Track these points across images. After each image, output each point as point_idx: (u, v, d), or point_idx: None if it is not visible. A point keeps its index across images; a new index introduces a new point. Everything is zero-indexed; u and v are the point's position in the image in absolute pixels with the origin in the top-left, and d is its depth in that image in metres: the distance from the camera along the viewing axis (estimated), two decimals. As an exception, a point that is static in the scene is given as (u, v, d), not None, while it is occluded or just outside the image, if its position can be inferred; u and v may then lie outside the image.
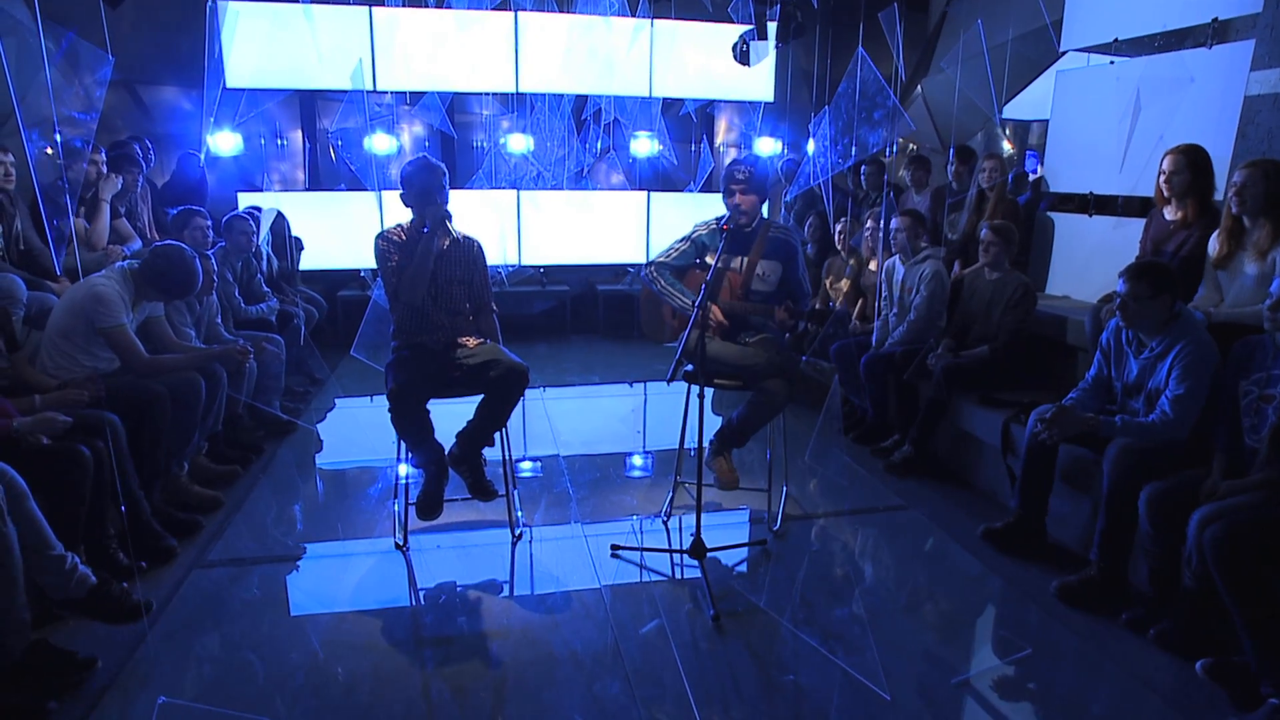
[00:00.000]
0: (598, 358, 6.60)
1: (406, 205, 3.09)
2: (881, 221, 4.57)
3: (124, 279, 3.34)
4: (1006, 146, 7.99)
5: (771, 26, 5.64)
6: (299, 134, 7.55)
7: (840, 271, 5.28)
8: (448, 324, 3.14)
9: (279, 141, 7.36)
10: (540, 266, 7.54)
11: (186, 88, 7.14)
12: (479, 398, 3.04)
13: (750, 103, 7.37)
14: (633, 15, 6.56)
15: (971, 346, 4.05)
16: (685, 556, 2.97)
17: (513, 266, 7.24)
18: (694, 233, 3.33)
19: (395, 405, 2.80)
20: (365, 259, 6.71)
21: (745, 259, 3.24)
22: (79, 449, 2.62)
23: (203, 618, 2.65)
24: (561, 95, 6.79)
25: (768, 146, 8.01)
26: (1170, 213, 3.47)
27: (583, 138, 7.11)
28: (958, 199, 5.15)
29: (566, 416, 5.10)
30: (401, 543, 3.14)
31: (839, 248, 5.26)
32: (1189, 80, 3.87)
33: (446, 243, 3.06)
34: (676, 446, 3.35)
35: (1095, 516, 2.85)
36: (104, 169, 4.04)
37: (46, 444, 2.56)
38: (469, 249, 3.22)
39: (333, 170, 7.53)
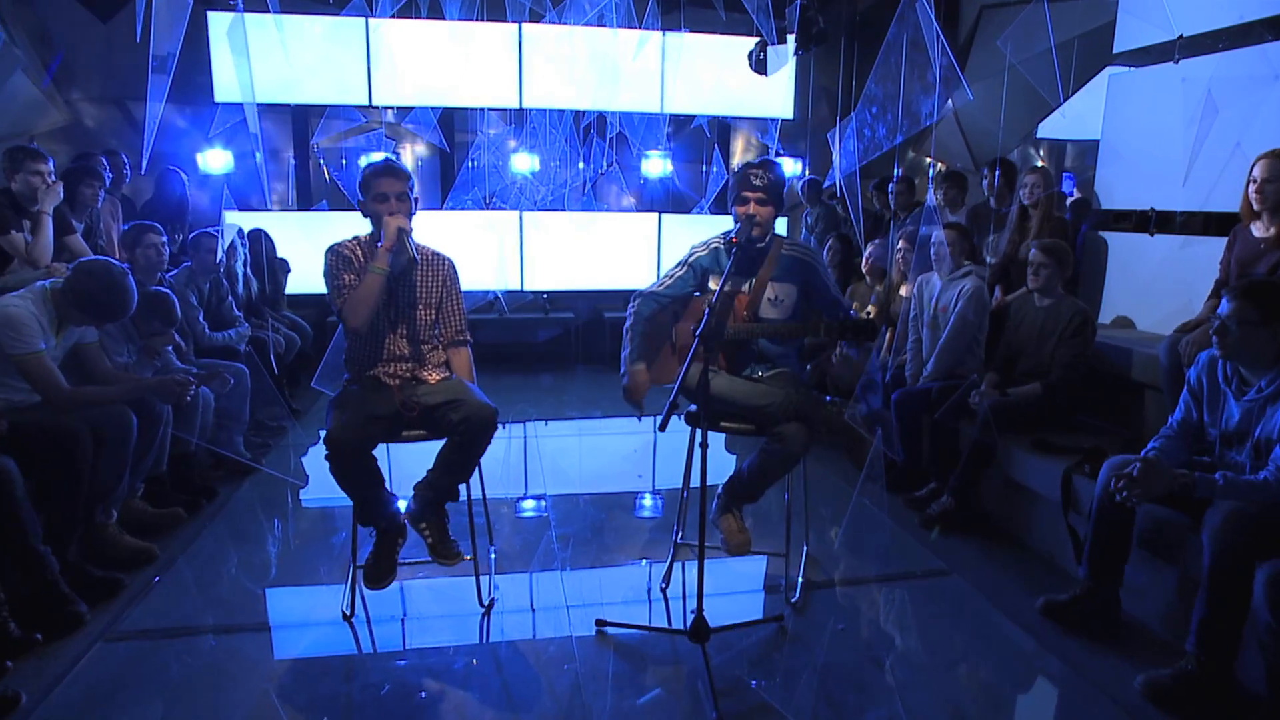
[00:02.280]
0: (603, 390, 6.11)
1: (365, 215, 2.65)
2: (899, 241, 4.09)
3: (43, 300, 2.92)
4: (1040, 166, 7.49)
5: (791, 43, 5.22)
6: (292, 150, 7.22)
7: (865, 298, 4.78)
8: (409, 355, 2.67)
9: (257, 158, 7.00)
10: (544, 292, 7.11)
11: (180, 104, 6.86)
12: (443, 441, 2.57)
13: (770, 120, 6.94)
14: (639, 26, 6.17)
15: (1020, 382, 3.52)
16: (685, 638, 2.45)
17: (511, 292, 6.80)
18: (691, 255, 2.83)
19: (331, 452, 2.33)
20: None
21: (753, 281, 2.74)
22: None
23: (91, 709, 2.17)
24: (565, 111, 6.38)
25: (788, 167, 7.58)
26: (1260, 229, 2.96)
27: (586, 153, 6.70)
28: (997, 218, 4.65)
29: (565, 454, 4.61)
30: (350, 612, 2.65)
31: (865, 271, 4.76)
32: (1273, 78, 3.36)
33: (405, 259, 2.60)
34: (680, 498, 2.85)
35: (1186, 593, 2.30)
36: (49, 179, 3.65)
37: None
38: (438, 268, 2.76)
39: (326, 188, 7.18)
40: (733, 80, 6.33)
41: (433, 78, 6.18)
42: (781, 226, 7.31)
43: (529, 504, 3.76)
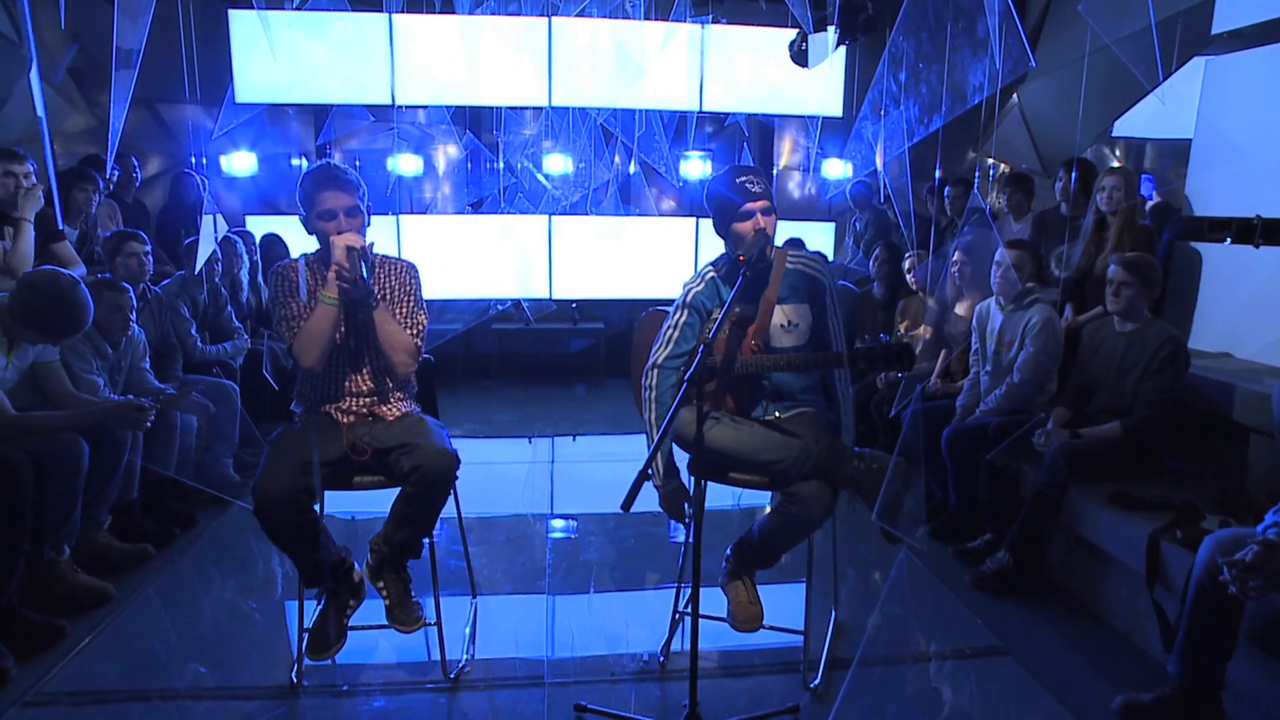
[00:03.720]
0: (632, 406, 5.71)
1: (309, 233, 2.29)
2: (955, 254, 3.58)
3: (-13, 319, 2.67)
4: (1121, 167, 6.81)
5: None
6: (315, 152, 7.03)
7: (918, 315, 4.28)
8: (368, 390, 2.31)
9: (293, 161, 6.83)
10: (573, 301, 6.75)
11: (209, 105, 6.73)
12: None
13: (817, 118, 6.44)
14: (667, 19, 5.76)
15: (1094, 421, 3.01)
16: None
17: (536, 301, 6.47)
18: (686, 294, 2.35)
19: (256, 508, 1.98)
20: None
21: (759, 305, 2.29)
22: None
23: None
24: (596, 109, 6.00)
25: (836, 169, 7.07)
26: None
27: (613, 153, 6.31)
28: (1070, 226, 4.10)
29: (583, 475, 4.23)
30: (297, 681, 2.31)
31: (913, 285, 4.26)
32: None
33: (363, 286, 2.19)
34: (680, 558, 2.43)
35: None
36: (24, 181, 3.43)
37: None
38: (398, 277, 2.36)
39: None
40: (774, 75, 5.85)
41: (456, 75, 5.87)
42: (828, 235, 6.84)
43: (522, 536, 3.39)
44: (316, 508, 2.14)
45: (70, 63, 5.98)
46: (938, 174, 5.36)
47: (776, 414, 2.34)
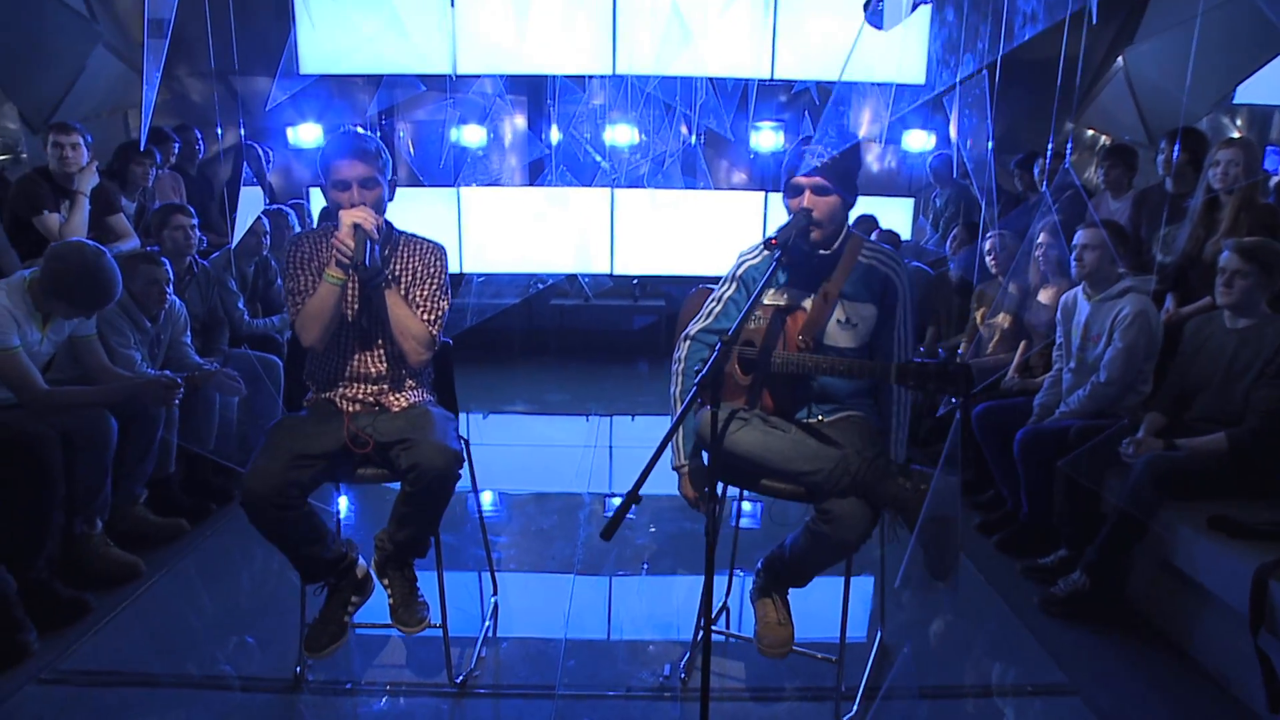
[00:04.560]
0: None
1: (328, 204, 2.16)
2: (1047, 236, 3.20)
3: (20, 292, 2.66)
4: (1240, 138, 6.11)
5: None
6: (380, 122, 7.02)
7: (997, 303, 3.91)
8: (378, 376, 2.18)
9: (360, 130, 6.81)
10: (634, 277, 6.56)
11: (271, 76, 6.78)
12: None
13: (896, 86, 6.00)
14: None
15: (1195, 430, 2.64)
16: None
17: (594, 277, 6.30)
18: (739, 266, 2.14)
19: (243, 500, 1.88)
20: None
21: (815, 296, 2.05)
22: None
23: None
24: (652, 77, 5.73)
25: (918, 140, 6.61)
26: None
27: (674, 123, 6.04)
28: (1175, 205, 3.63)
29: (641, 456, 4.08)
30: (300, 675, 2.23)
31: (993, 268, 3.88)
32: None
33: (373, 266, 2.07)
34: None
35: None
36: (69, 152, 3.45)
37: None
38: (420, 258, 2.21)
39: (416, 164, 6.93)
40: (848, 38, 5.45)
41: (516, 42, 5.70)
42: (906, 212, 6.40)
43: (552, 525, 3.25)
44: (337, 501, 2.04)
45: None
46: (1048, 147, 4.89)
47: (819, 417, 2.10)
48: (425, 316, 2.16)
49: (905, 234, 6.01)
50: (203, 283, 3.74)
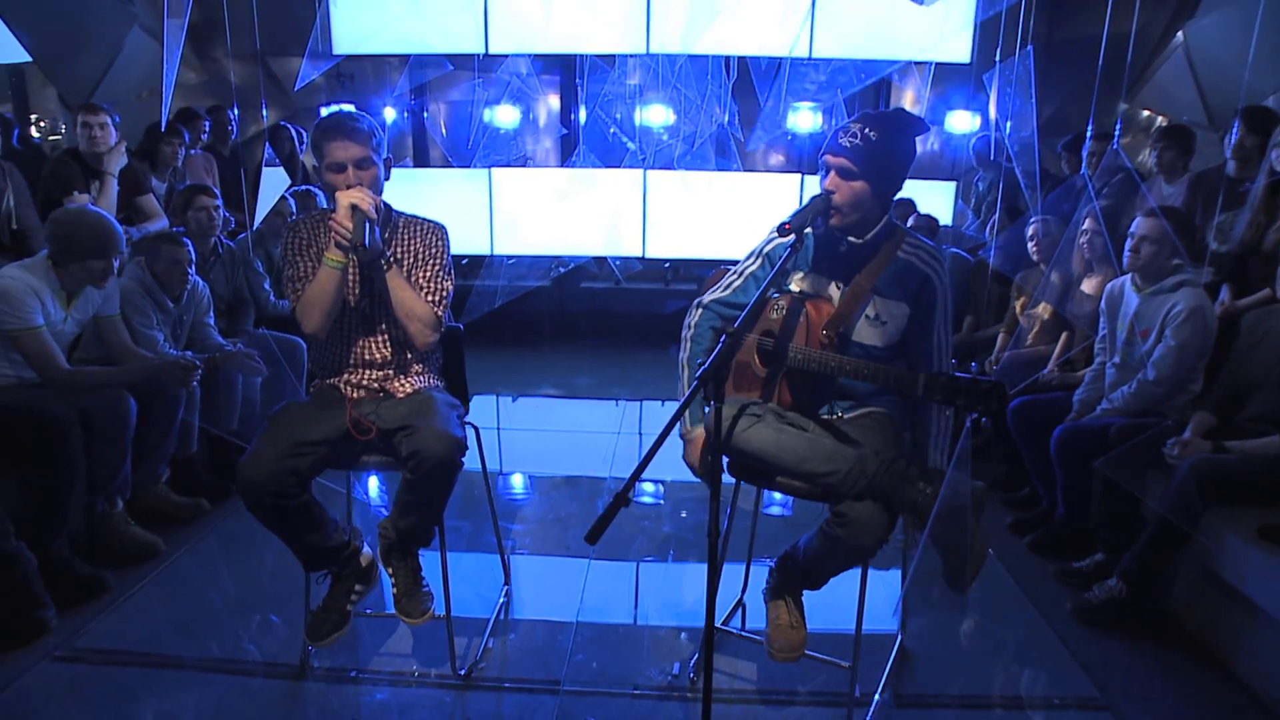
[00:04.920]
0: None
1: (322, 188, 2.12)
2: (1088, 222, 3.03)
3: (45, 270, 2.68)
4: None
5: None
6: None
7: (1038, 292, 3.73)
8: (383, 361, 2.14)
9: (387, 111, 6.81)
10: (666, 260, 6.47)
11: (317, 59, 6.80)
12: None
13: (911, 63, 5.76)
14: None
15: (1246, 432, 2.48)
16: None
17: (624, 259, 6.22)
18: (767, 242, 2.06)
19: (240, 488, 1.85)
20: (469, 244, 6.03)
21: (846, 288, 1.94)
22: None
23: None
24: (682, 56, 5.60)
25: (962, 122, 6.37)
26: None
27: (709, 103, 5.89)
28: (1233, 190, 3.42)
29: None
30: (305, 660, 2.22)
31: (1035, 256, 3.70)
32: None
33: (373, 248, 2.01)
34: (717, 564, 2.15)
35: None
36: (97, 132, 3.47)
37: None
38: (421, 239, 2.16)
39: (447, 145, 6.90)
40: (889, 16, 5.24)
41: (546, 21, 5.62)
42: (947, 196, 6.17)
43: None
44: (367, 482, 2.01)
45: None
46: (1090, 127, 4.66)
47: (839, 414, 2.01)
48: (429, 298, 2.12)
49: (946, 219, 5.80)
50: (228, 263, 3.75)
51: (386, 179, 2.09)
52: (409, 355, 2.17)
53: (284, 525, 1.94)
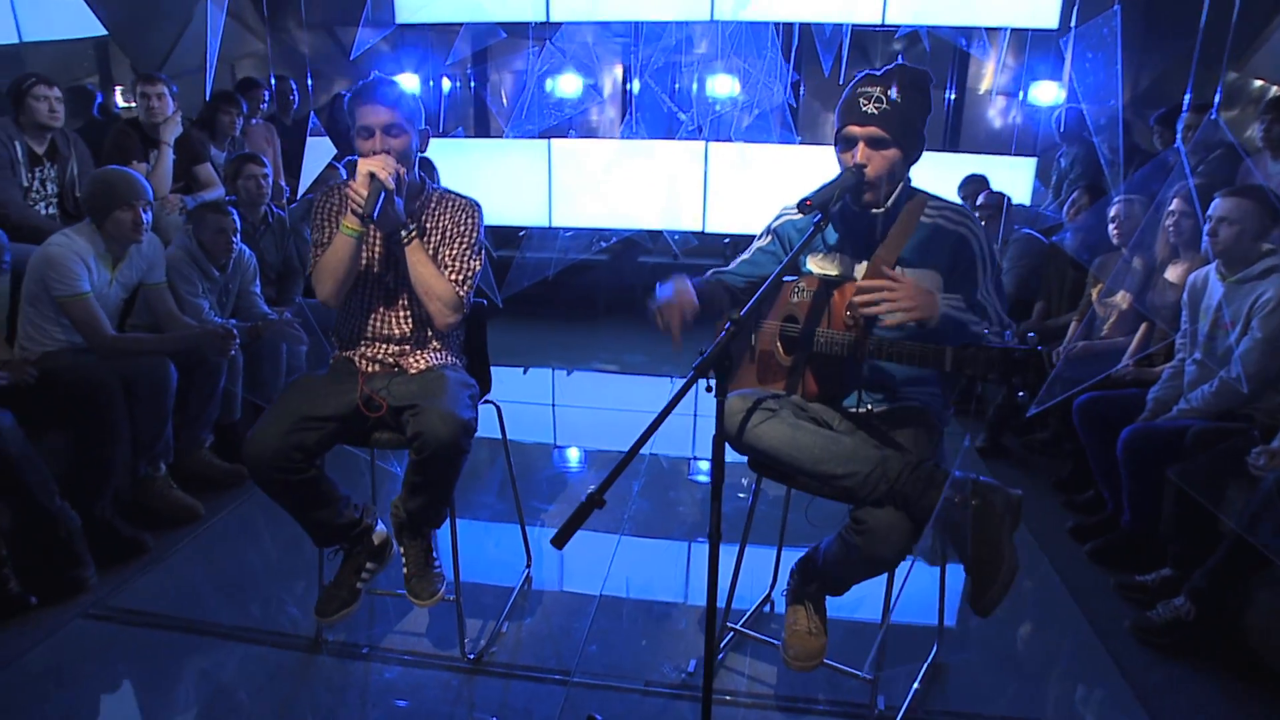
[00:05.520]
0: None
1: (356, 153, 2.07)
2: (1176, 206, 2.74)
3: (87, 233, 2.75)
4: None
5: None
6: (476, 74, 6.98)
7: (1115, 278, 3.44)
8: (401, 336, 2.10)
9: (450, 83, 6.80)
10: (725, 236, 6.30)
11: (380, 27, 6.84)
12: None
13: (990, 29, 5.36)
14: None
15: (1346, 443, 2.21)
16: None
17: (680, 234, 6.07)
18: (776, 219, 1.93)
19: (247, 463, 1.83)
20: (527, 215, 5.99)
21: (869, 261, 1.78)
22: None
23: (37, 693, 1.94)
24: (734, 23, 5.38)
25: (1048, 93, 5.95)
26: None
27: (769, 74, 5.65)
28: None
29: (706, 425, 3.93)
30: (319, 635, 2.22)
31: (1116, 239, 3.41)
32: None
33: (392, 217, 1.97)
34: (736, 563, 2.04)
35: None
36: (154, 102, 3.53)
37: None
38: (450, 214, 2.10)
39: (505, 114, 6.85)
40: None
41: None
42: (1027, 172, 5.77)
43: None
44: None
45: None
46: (1186, 98, 4.26)
47: (869, 406, 1.86)
48: (453, 277, 2.06)
49: (1023, 198, 5.44)
50: (278, 232, 3.79)
51: (422, 150, 2.05)
52: (428, 333, 2.12)
53: (290, 500, 1.92)
